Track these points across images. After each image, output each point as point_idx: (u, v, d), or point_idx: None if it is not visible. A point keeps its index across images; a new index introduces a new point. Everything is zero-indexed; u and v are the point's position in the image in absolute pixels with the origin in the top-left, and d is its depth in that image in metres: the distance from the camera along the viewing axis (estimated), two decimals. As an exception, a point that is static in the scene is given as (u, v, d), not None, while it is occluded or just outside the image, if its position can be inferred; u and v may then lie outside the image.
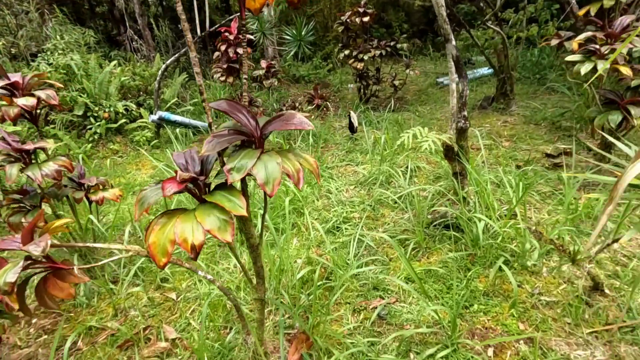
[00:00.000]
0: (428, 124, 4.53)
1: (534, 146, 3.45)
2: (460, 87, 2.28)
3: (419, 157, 3.57)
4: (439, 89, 6.11)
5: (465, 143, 2.35)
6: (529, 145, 3.47)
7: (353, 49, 5.20)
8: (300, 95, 6.84)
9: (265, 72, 4.01)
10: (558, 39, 2.92)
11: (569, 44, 2.83)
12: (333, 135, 4.65)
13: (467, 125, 2.24)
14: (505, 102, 4.35)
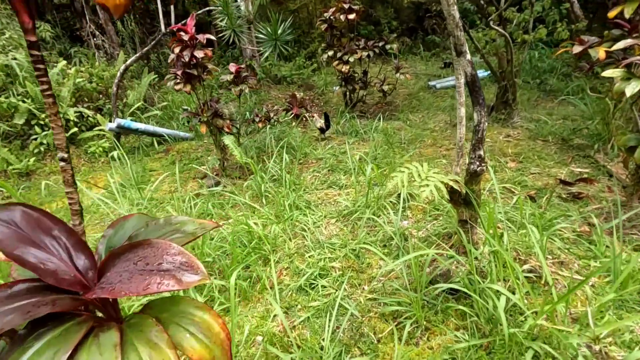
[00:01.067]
0: (421, 136, 3.98)
1: (544, 168, 2.93)
2: (476, 118, 1.73)
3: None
4: (431, 93, 5.56)
5: (478, 187, 1.80)
6: (539, 168, 2.95)
7: (338, 50, 4.60)
8: (282, 97, 6.23)
9: (234, 77, 3.40)
10: (581, 45, 2.38)
11: (594, 51, 2.29)
12: (314, 147, 4.07)
13: (483, 168, 1.69)
14: (507, 112, 3.82)
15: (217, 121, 3.19)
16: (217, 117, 3.21)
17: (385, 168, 3.24)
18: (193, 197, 3.06)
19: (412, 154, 3.56)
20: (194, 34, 2.73)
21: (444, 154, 3.46)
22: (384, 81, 4.66)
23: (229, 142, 3.13)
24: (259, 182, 3.03)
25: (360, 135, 4.27)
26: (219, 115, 3.21)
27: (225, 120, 3.20)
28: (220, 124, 3.18)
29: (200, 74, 2.94)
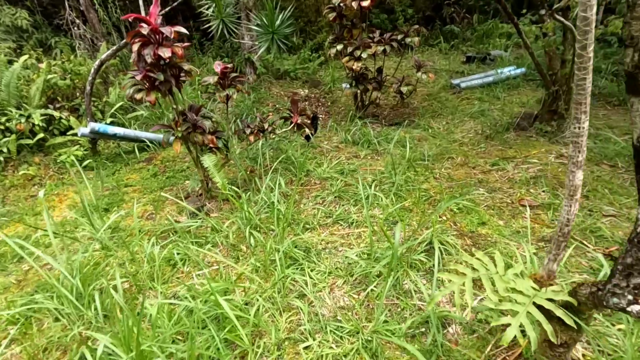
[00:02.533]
0: (447, 150, 3.23)
1: (620, 208, 2.19)
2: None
3: (448, 223, 2.29)
4: (454, 93, 4.77)
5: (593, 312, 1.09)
6: (613, 207, 2.20)
7: (348, 44, 3.84)
8: (284, 95, 5.49)
9: (219, 80, 2.69)
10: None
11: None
12: (319, 162, 3.35)
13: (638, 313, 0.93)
14: (557, 123, 3.05)
15: (196, 136, 2.49)
16: (196, 131, 2.50)
17: (407, 200, 2.52)
18: (171, 232, 2.39)
19: (439, 177, 2.83)
20: (157, 26, 2.01)
21: (480, 178, 2.72)
22: (402, 81, 3.89)
23: (210, 164, 2.43)
24: (245, 219, 2.34)
25: (374, 147, 3.54)
26: (198, 129, 2.50)
27: (206, 135, 2.50)
28: (200, 140, 2.48)
29: (169, 77, 2.23)
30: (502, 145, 3.16)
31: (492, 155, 3.03)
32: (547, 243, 1.96)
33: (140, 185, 3.47)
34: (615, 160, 2.64)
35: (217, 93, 2.70)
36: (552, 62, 2.94)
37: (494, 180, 2.67)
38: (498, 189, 2.54)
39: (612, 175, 2.48)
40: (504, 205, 2.35)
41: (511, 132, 3.35)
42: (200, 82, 2.77)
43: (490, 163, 2.91)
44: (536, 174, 2.62)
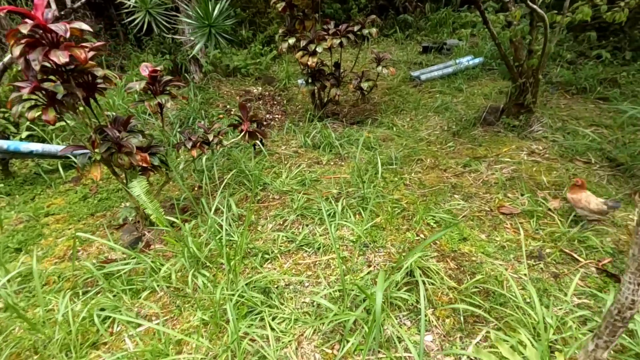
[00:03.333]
0: (415, 151, 2.97)
1: (602, 210, 2.02)
2: None
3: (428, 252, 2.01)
4: (415, 86, 4.55)
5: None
6: (595, 209, 2.03)
7: (301, 37, 3.44)
8: (235, 94, 5.00)
9: (147, 85, 2.20)
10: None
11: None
12: (277, 172, 2.97)
13: None
14: (525, 117, 2.89)
15: (121, 157, 2.01)
16: (121, 150, 2.02)
17: (378, 215, 2.22)
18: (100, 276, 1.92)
19: (410, 183, 2.56)
20: (45, 22, 1.51)
21: (454, 182, 2.48)
22: (362, 77, 3.57)
23: (140, 192, 1.97)
24: (190, 255, 1.92)
25: (336, 150, 3.20)
26: (123, 147, 2.02)
27: (133, 155, 2.02)
28: (126, 162, 2.00)
29: (74, 88, 1.73)
30: (471, 143, 2.95)
31: (462, 155, 2.82)
32: (537, 260, 1.74)
33: (66, 212, 2.89)
34: (587, 156, 2.50)
35: (147, 102, 2.22)
36: (517, 53, 2.76)
37: (468, 184, 2.44)
38: (474, 195, 2.31)
39: (587, 173, 2.34)
40: (483, 215, 2.12)
41: (478, 128, 3.16)
42: (125, 90, 2.27)
43: (461, 164, 2.68)
44: (511, 175, 2.42)
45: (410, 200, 2.34)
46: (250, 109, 4.57)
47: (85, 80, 2.01)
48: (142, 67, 2.31)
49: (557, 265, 1.70)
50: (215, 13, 3.09)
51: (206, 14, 3.04)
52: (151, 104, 2.22)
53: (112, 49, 6.42)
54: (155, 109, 2.23)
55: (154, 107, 2.22)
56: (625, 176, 2.24)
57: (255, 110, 4.55)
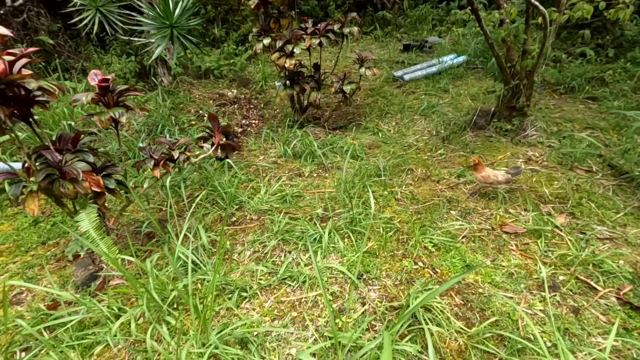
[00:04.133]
0: (404, 160, 2.74)
1: (613, 227, 1.84)
2: None
3: (426, 271, 1.77)
4: (398, 87, 4.33)
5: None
6: (605, 226, 1.86)
7: (277, 37, 3.14)
8: (208, 98, 4.63)
9: (98, 96, 1.86)
10: None
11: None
12: (255, 187, 2.67)
13: None
14: (518, 120, 2.70)
15: (64, 186, 1.67)
16: (65, 176, 1.68)
17: (370, 238, 1.97)
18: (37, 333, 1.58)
19: (402, 198, 2.32)
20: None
21: (449, 196, 2.26)
22: (344, 79, 3.31)
23: (87, 225, 1.63)
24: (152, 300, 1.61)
25: (319, 160, 2.93)
26: (67, 175, 1.68)
27: (80, 182, 1.68)
28: (71, 191, 1.66)
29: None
30: (463, 150, 2.74)
31: (454, 164, 2.60)
32: (551, 291, 1.53)
33: (12, 241, 2.51)
34: (587, 163, 2.34)
35: (96, 116, 1.87)
36: (510, 53, 2.56)
37: (464, 197, 2.23)
38: (472, 211, 2.10)
39: (591, 183, 2.16)
40: (484, 235, 1.90)
41: (469, 132, 2.96)
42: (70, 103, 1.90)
43: (455, 174, 2.47)
44: (510, 186, 2.22)
45: (403, 219, 2.10)
46: (225, 114, 4.24)
47: (16, 94, 1.66)
48: (90, 76, 1.97)
49: (575, 296, 1.50)
50: (177, 12, 2.73)
51: (166, 12, 2.67)
52: (102, 119, 1.88)
53: (73, 50, 5.89)
54: (107, 125, 1.89)
55: (106, 123, 1.88)
56: (632, 186, 2.07)
57: (230, 115, 4.21)
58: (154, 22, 2.75)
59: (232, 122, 4.07)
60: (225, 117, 4.11)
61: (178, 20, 2.72)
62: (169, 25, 2.74)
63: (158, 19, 2.69)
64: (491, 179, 2.05)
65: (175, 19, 2.71)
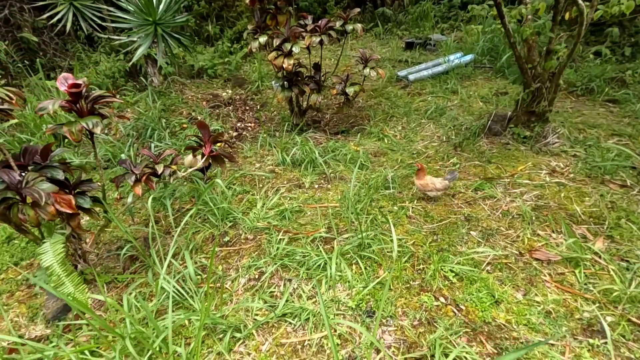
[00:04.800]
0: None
1: (658, 252, 1.61)
2: None
3: (449, 309, 1.53)
4: (403, 87, 4.07)
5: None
6: (647, 251, 1.62)
7: (274, 34, 2.88)
8: (202, 99, 4.35)
9: (69, 103, 1.60)
10: None
11: None
12: (251, 200, 2.42)
13: None
14: (538, 126, 2.46)
15: (24, 211, 1.41)
16: (24, 201, 1.42)
17: (381, 263, 1.72)
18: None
19: (414, 215, 2.07)
20: None
21: (467, 213, 2.01)
22: (346, 80, 3.05)
23: (51, 260, 1.37)
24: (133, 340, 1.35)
25: (320, 169, 2.68)
26: (23, 195, 1.42)
27: (43, 206, 1.42)
28: (31, 217, 1.40)
29: None
30: (478, 159, 2.50)
31: (470, 175, 2.36)
32: (599, 337, 1.29)
33: (-19, 262, 2.24)
34: (620, 176, 2.10)
35: (66, 127, 1.60)
36: (531, 53, 2.31)
37: (484, 215, 1.98)
38: (495, 231, 1.86)
39: (627, 200, 1.92)
40: (512, 262, 1.66)
41: (483, 139, 2.72)
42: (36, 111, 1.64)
43: (471, 187, 2.22)
44: (536, 203, 1.98)
45: (417, 241, 1.86)
46: (219, 116, 3.97)
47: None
48: (59, 80, 1.70)
49: (629, 344, 1.26)
50: (162, 7, 2.44)
51: (148, 7, 2.37)
52: (72, 130, 1.61)
53: (60, 48, 5.58)
54: (78, 137, 1.62)
55: (76, 135, 1.61)
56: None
57: (224, 117, 3.94)
58: (134, 19, 2.45)
59: (227, 125, 3.81)
60: (219, 120, 3.84)
61: (162, 16, 2.43)
62: (152, 22, 2.45)
63: (139, 15, 2.40)
64: (429, 187, 2.07)
65: (159, 15, 2.42)
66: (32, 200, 1.43)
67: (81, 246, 1.94)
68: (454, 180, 2.13)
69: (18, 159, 1.66)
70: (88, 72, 4.67)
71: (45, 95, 4.06)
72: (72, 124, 1.64)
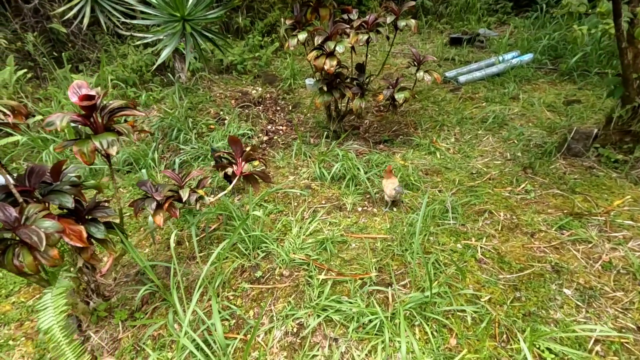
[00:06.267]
0: (475, 194, 2.09)
1: None
2: None
3: None
4: (451, 90, 3.62)
5: None
6: None
7: (315, 31, 2.51)
8: (230, 97, 4.06)
9: (82, 118, 1.31)
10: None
11: None
12: (286, 224, 2.09)
13: None
14: (638, 149, 2.00)
15: (21, 256, 1.13)
16: (23, 245, 1.15)
17: (451, 327, 1.36)
18: None
19: (485, 259, 1.69)
20: None
21: (553, 261, 1.61)
22: (395, 84, 2.65)
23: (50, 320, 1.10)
24: None
25: (363, 186, 2.32)
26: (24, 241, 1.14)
27: (43, 251, 1.14)
28: (29, 264, 1.13)
29: None
30: (557, 186, 2.07)
31: (550, 207, 1.94)
32: None
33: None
34: None
35: (76, 147, 1.32)
36: (637, 60, 1.84)
37: (579, 266, 1.58)
38: (597, 292, 1.45)
39: None
40: (630, 343, 1.26)
41: (559, 160, 2.27)
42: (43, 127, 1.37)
43: (554, 224, 1.81)
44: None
45: (494, 297, 1.48)
46: (248, 117, 3.66)
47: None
48: (71, 89, 1.42)
49: None
50: (192, 0, 2.09)
51: (176, 2, 2.02)
52: (84, 150, 1.32)
53: (89, 40, 5.41)
54: (90, 159, 1.33)
55: (89, 157, 1.33)
56: None
57: (254, 119, 3.63)
58: (160, 15, 2.13)
59: (257, 127, 3.50)
60: (248, 122, 3.54)
61: (192, 11, 2.09)
62: (180, 18, 2.12)
63: (165, 10, 2.06)
64: (385, 190, 2.04)
65: (188, 10, 2.08)
66: (35, 237, 1.16)
67: (95, 278, 1.68)
68: (400, 195, 2.02)
69: (23, 182, 1.40)
70: (115, 66, 4.46)
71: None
72: (83, 143, 1.35)
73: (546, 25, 4.43)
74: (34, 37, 4.29)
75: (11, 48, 4.29)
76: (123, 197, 2.65)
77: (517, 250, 1.71)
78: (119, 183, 2.84)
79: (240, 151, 1.80)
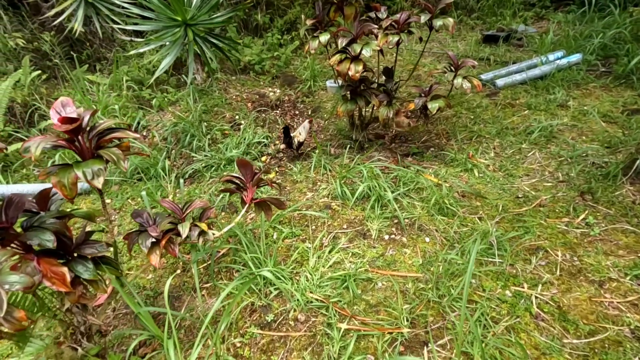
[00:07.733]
0: (524, 225, 1.77)
1: None
2: None
3: None
4: (488, 95, 3.25)
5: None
6: None
7: (338, 32, 2.22)
8: (247, 99, 3.82)
9: (67, 142, 1.09)
10: None
11: None
12: (302, 253, 1.84)
13: None
14: None
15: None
16: None
17: None
18: None
19: (542, 314, 1.38)
20: None
21: (629, 321, 1.29)
22: (429, 93, 2.33)
23: None
24: None
25: (391, 209, 2.03)
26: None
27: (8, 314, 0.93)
28: None
29: None
30: (627, 220, 1.71)
31: (621, 247, 1.60)
32: None
33: None
34: None
35: (54, 179, 1.10)
36: None
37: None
38: (697, 373, 1.12)
39: None
40: None
41: (625, 184, 1.91)
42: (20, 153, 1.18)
43: (628, 271, 1.47)
44: None
45: (559, 371, 1.18)
46: (265, 122, 3.41)
47: None
48: (53, 108, 1.20)
49: None
50: (195, 1, 1.81)
51: (175, 4, 1.74)
52: (64, 182, 1.11)
53: (106, 39, 5.29)
54: (72, 193, 1.11)
55: (69, 190, 1.11)
56: None
57: (271, 124, 3.38)
58: (158, 18, 1.87)
59: (274, 133, 3.25)
60: (264, 127, 3.29)
61: (196, 14, 1.82)
62: (181, 23, 1.85)
63: (164, 14, 1.80)
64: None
65: (191, 13, 1.81)
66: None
67: (86, 318, 1.48)
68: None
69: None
70: (131, 66, 4.30)
71: (87, 91, 3.73)
72: (63, 173, 1.13)
73: (594, 21, 3.95)
74: (51, 36, 4.18)
75: (28, 48, 4.20)
76: (130, 209, 2.46)
77: (583, 305, 1.39)
78: (128, 193, 2.67)
79: (251, 175, 1.54)
